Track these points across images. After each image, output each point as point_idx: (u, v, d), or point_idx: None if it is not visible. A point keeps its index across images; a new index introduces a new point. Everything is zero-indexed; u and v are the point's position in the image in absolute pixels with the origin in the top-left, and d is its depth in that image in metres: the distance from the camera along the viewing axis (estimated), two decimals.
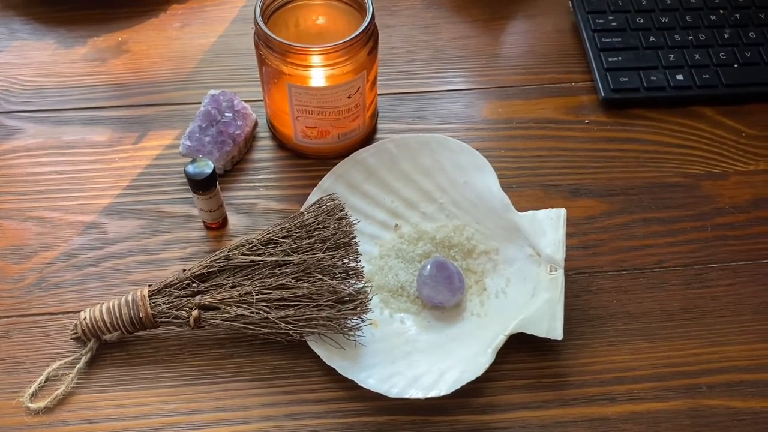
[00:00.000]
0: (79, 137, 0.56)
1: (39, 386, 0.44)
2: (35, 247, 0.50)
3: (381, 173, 0.52)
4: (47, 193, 0.53)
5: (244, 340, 0.46)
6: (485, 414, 0.44)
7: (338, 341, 0.44)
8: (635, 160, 0.55)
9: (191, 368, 0.45)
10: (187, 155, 0.53)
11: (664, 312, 0.48)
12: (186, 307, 0.44)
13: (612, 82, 0.58)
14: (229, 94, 0.55)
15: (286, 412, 0.44)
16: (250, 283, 0.44)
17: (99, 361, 0.45)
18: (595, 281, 0.49)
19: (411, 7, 0.65)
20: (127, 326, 0.44)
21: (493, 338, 0.44)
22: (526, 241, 0.48)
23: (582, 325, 0.47)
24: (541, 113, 0.58)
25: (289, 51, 0.47)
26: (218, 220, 0.50)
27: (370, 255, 0.49)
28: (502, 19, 0.65)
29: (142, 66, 0.60)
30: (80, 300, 0.47)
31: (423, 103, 0.59)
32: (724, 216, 0.53)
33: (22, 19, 0.63)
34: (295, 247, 0.45)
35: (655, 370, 0.46)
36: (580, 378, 0.45)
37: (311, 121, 0.51)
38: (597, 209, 0.53)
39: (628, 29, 0.61)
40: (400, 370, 0.44)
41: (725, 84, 0.58)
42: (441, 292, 0.47)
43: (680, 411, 0.44)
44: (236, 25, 0.63)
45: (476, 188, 0.50)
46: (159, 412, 0.44)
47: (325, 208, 0.46)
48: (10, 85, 0.59)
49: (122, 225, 0.51)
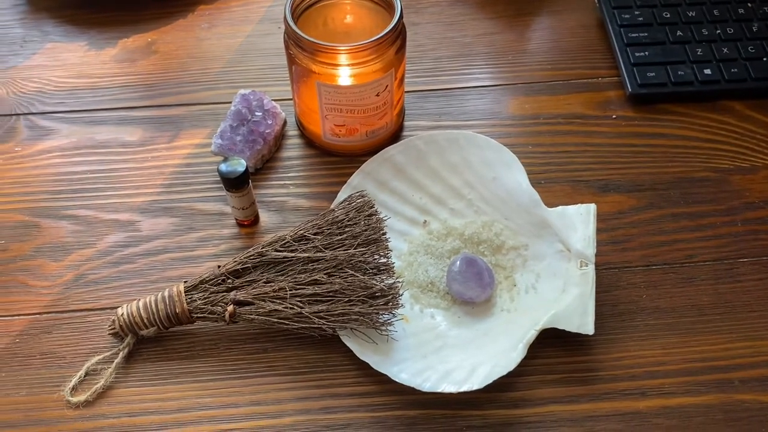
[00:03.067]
0: (111, 137, 0.57)
1: (79, 380, 0.45)
2: (72, 244, 0.51)
3: (409, 170, 0.52)
4: (82, 192, 0.54)
5: (278, 335, 0.47)
6: (517, 408, 0.44)
7: (370, 336, 0.45)
8: (663, 155, 0.55)
9: (226, 363, 0.46)
10: (219, 154, 0.54)
11: (695, 307, 0.48)
12: (221, 303, 0.44)
13: (639, 77, 0.58)
14: (259, 94, 0.55)
15: (319, 405, 0.44)
16: (284, 278, 0.45)
17: (136, 355, 0.46)
18: (624, 276, 0.49)
19: (436, 4, 0.65)
20: (164, 321, 0.45)
21: (524, 333, 0.44)
22: (556, 237, 0.48)
23: (612, 320, 0.47)
24: (568, 109, 0.58)
25: (318, 50, 0.48)
26: (250, 218, 0.51)
27: (399, 251, 0.50)
28: (528, 15, 0.65)
29: (172, 66, 0.61)
30: (117, 296, 0.49)
31: (449, 99, 0.59)
32: (754, 210, 0.52)
33: (54, 22, 0.64)
34: (326, 244, 0.45)
35: (686, 365, 0.46)
36: (611, 372, 0.45)
37: (340, 119, 0.52)
38: (625, 204, 0.53)
39: (654, 24, 0.61)
40: (431, 364, 0.44)
41: (754, 78, 0.58)
42: (471, 288, 0.47)
43: (712, 405, 0.44)
44: (263, 25, 0.64)
45: (505, 184, 0.50)
46: (195, 406, 0.44)
47: (355, 204, 0.47)
48: (44, 87, 0.60)
49: (156, 223, 0.52)
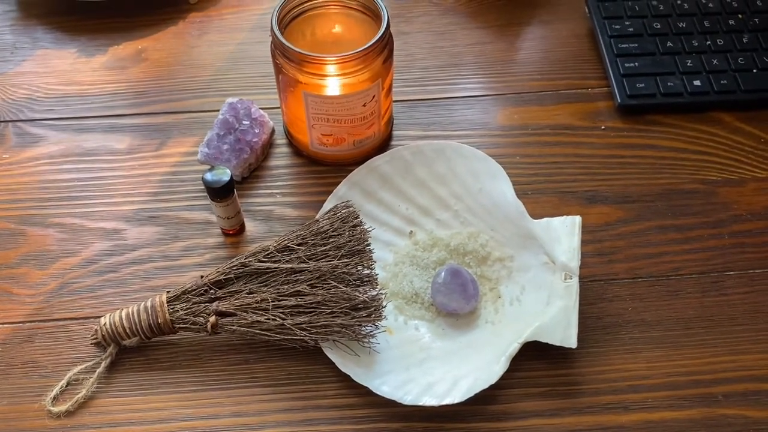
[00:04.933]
0: (100, 144, 0.57)
1: (60, 390, 0.45)
2: (57, 253, 0.51)
3: (396, 180, 0.52)
4: (69, 199, 0.54)
5: (260, 346, 0.47)
6: (499, 421, 0.44)
7: (353, 348, 0.44)
8: (652, 167, 0.55)
9: (208, 373, 0.46)
10: (206, 163, 0.54)
11: (680, 320, 0.48)
12: (203, 313, 0.44)
13: (628, 88, 0.58)
14: (247, 102, 0.55)
15: (301, 417, 0.44)
16: (267, 289, 0.45)
17: (118, 365, 0.46)
18: (610, 289, 0.49)
19: (426, 13, 0.65)
20: (146, 332, 0.45)
21: (507, 346, 0.44)
22: (541, 249, 0.48)
23: (597, 333, 0.47)
24: (557, 119, 0.58)
25: (305, 60, 0.48)
26: (236, 227, 0.51)
27: (384, 262, 0.50)
28: (518, 25, 0.65)
29: (161, 74, 0.61)
30: (100, 305, 0.48)
31: (438, 109, 0.59)
32: (741, 223, 0.52)
33: (44, 28, 0.64)
34: (310, 255, 0.45)
35: (670, 379, 0.45)
36: (594, 386, 0.45)
37: (327, 128, 0.52)
38: (613, 216, 0.53)
39: (645, 34, 0.61)
40: (414, 377, 0.44)
41: (744, 89, 0.58)
42: (455, 300, 0.47)
43: (695, 420, 0.44)
44: (254, 33, 0.64)
45: (491, 195, 0.50)
46: (177, 417, 0.44)
47: (341, 215, 0.47)
48: (33, 93, 0.60)
49: (142, 231, 0.52)
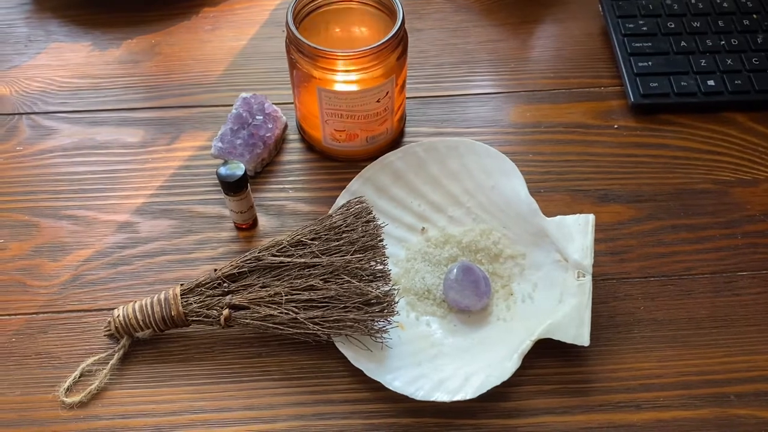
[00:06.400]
0: (112, 138, 0.57)
1: (74, 381, 0.45)
2: (70, 244, 0.51)
3: (409, 177, 0.52)
4: (82, 192, 0.54)
5: (273, 340, 0.47)
6: (510, 418, 0.44)
7: (365, 343, 0.45)
8: (664, 166, 0.55)
9: (221, 366, 0.46)
10: (219, 157, 0.54)
11: (692, 320, 0.48)
12: (217, 307, 0.45)
13: (642, 87, 0.58)
14: (260, 97, 0.55)
15: (312, 411, 0.44)
16: (280, 283, 0.45)
17: (131, 357, 0.46)
18: (622, 287, 0.49)
19: (440, 10, 0.65)
20: (159, 324, 0.45)
21: (519, 343, 0.44)
22: (554, 247, 0.48)
23: (609, 332, 0.47)
24: (570, 118, 0.58)
25: (319, 55, 0.48)
26: (248, 221, 0.51)
27: (396, 258, 0.50)
28: (531, 23, 0.65)
29: (174, 68, 0.61)
30: (114, 297, 0.49)
31: (451, 106, 0.59)
32: (754, 223, 0.52)
33: (59, 21, 0.64)
34: (323, 249, 0.45)
35: (682, 378, 0.45)
36: (606, 384, 0.45)
37: (340, 124, 0.52)
38: (625, 215, 0.53)
39: (658, 34, 0.61)
40: (425, 372, 0.44)
41: (758, 90, 0.57)
42: (467, 296, 0.47)
43: (707, 420, 0.44)
44: (267, 28, 0.64)
45: (504, 193, 0.50)
46: (189, 409, 0.44)
47: (354, 210, 0.47)
48: (47, 86, 0.60)
49: (155, 225, 0.52)
